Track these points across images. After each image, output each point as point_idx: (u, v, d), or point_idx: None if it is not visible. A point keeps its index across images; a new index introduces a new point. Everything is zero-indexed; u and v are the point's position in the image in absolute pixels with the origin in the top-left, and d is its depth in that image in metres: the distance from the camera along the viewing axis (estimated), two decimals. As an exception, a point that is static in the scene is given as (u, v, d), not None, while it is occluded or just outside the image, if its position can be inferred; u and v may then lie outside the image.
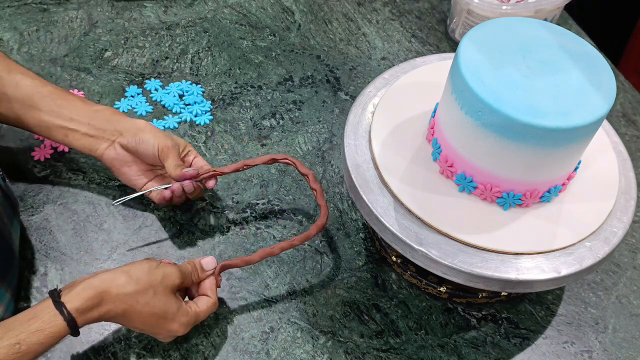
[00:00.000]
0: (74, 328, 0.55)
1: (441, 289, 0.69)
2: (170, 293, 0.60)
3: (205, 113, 0.87)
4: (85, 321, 0.56)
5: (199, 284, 0.65)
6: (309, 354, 0.66)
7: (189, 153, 0.73)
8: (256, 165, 0.71)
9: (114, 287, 0.57)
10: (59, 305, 0.54)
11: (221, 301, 0.69)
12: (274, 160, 0.72)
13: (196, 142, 0.84)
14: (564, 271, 0.57)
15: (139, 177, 0.72)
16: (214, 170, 0.71)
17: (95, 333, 0.65)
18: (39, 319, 0.53)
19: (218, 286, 0.66)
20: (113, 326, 0.66)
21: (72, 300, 0.55)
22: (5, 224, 0.64)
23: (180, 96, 0.89)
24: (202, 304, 0.63)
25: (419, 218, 0.59)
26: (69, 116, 0.69)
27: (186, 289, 0.65)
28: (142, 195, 0.71)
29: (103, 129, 0.70)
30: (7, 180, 0.69)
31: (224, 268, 0.65)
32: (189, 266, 0.63)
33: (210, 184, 0.72)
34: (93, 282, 0.56)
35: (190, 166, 0.73)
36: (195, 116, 0.87)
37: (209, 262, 0.65)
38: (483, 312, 0.71)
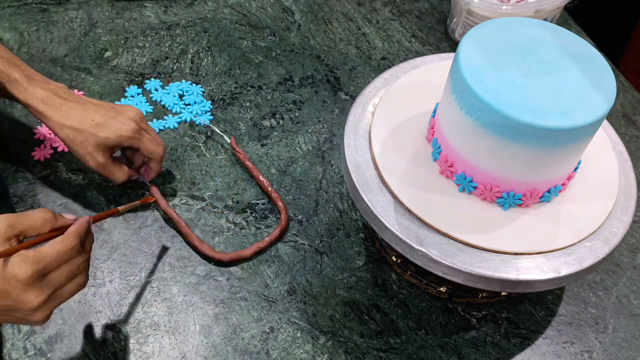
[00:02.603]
0: None
1: (441, 289, 0.69)
2: None
3: (205, 113, 0.87)
4: None
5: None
6: (309, 354, 0.66)
7: (129, 148, 0.73)
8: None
9: None
10: None
11: (221, 301, 0.69)
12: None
13: (196, 142, 0.84)
14: (564, 271, 0.57)
15: None
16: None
17: (95, 333, 0.65)
18: None
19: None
20: (113, 326, 0.66)
21: None
22: None
23: (180, 96, 0.89)
24: (50, 243, 0.52)
25: (419, 218, 0.59)
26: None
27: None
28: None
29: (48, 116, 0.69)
30: None
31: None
32: (40, 214, 0.53)
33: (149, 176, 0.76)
34: None
35: (131, 158, 0.75)
36: (195, 116, 0.87)
37: (68, 215, 0.56)
38: (483, 312, 0.71)
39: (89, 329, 0.66)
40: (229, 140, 0.83)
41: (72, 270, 0.53)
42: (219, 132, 0.84)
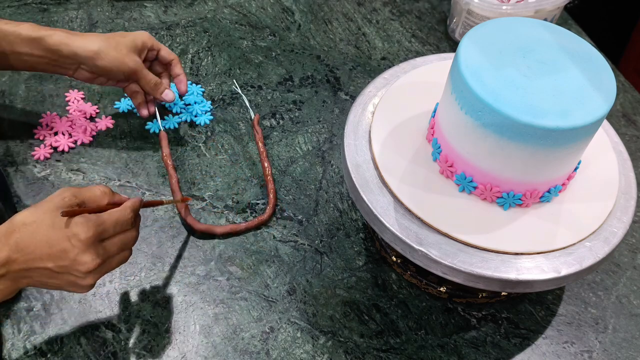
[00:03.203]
0: None
1: (441, 289, 0.69)
2: (58, 212, 0.53)
3: (205, 113, 0.87)
4: None
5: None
6: (309, 354, 0.66)
7: (152, 49, 0.78)
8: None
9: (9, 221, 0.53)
10: None
11: (221, 301, 0.69)
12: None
13: (196, 142, 0.84)
14: (564, 271, 0.57)
15: (120, 84, 0.79)
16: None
17: (95, 333, 0.65)
18: None
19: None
20: (113, 325, 0.66)
21: None
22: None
23: (181, 96, 0.89)
24: (108, 212, 0.55)
25: (419, 218, 0.59)
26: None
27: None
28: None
29: (61, 59, 0.73)
30: None
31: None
32: (100, 188, 0.57)
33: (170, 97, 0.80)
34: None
35: (156, 58, 0.81)
36: (195, 116, 0.87)
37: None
38: (483, 312, 0.71)
39: (89, 329, 0.66)
40: (253, 116, 0.85)
41: (124, 241, 0.57)
42: (247, 105, 0.87)
